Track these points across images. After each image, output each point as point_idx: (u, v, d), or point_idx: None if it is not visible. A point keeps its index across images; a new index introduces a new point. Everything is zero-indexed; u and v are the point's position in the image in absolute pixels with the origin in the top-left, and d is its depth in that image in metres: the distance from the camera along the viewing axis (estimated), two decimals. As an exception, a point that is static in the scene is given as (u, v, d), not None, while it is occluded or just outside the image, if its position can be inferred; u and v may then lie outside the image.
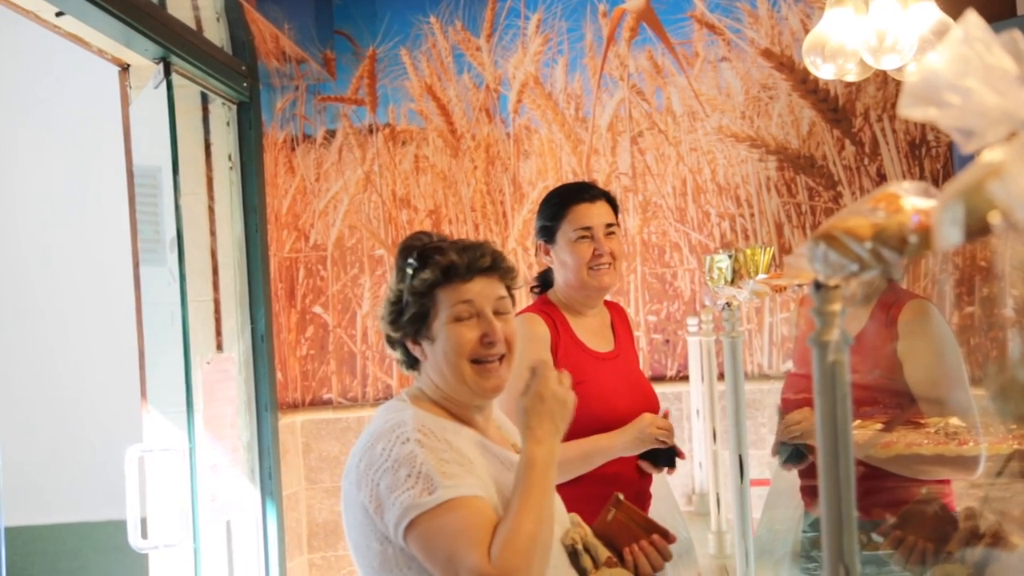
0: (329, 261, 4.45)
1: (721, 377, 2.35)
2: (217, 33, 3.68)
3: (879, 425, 2.21)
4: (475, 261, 1.80)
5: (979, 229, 0.67)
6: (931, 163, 4.34)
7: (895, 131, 4.34)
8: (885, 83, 4.27)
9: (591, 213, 2.58)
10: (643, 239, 4.41)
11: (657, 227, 4.41)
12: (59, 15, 2.77)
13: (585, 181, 3.14)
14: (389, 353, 1.92)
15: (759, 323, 4.38)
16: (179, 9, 3.38)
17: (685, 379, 4.18)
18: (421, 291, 1.79)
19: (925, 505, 1.91)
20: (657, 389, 2.77)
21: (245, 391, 3.81)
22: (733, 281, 1.98)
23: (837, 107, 4.35)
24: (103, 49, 3.15)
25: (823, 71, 2.94)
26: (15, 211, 4.71)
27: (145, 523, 3.15)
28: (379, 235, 4.45)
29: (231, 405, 3.68)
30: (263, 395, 3.86)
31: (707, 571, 2.68)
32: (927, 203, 0.75)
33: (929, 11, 2.77)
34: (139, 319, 3.28)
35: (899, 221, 0.75)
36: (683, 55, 4.41)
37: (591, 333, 2.63)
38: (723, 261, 2.02)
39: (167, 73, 3.19)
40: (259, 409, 3.86)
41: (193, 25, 3.51)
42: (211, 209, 3.70)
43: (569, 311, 2.62)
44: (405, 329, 1.82)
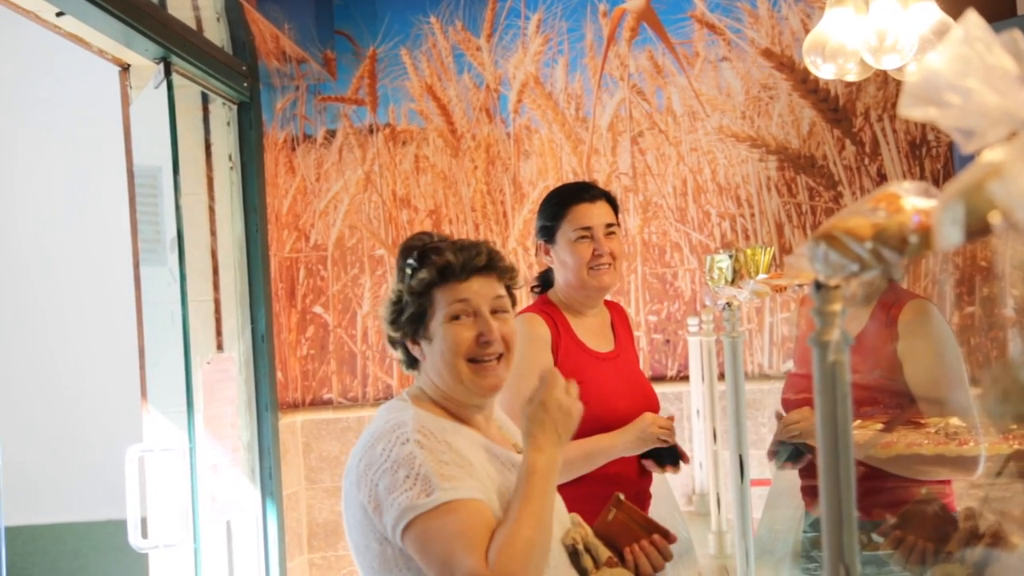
0: (329, 261, 4.45)
1: (721, 377, 2.34)
2: (217, 33, 3.68)
3: (879, 425, 2.21)
4: (471, 260, 1.79)
5: (979, 229, 0.67)
6: (931, 163, 4.34)
7: (895, 131, 4.33)
8: (885, 83, 4.27)
9: (591, 213, 2.58)
10: (643, 239, 4.40)
11: (657, 227, 4.41)
12: (59, 15, 2.78)
13: (585, 181, 3.13)
14: (390, 353, 1.92)
15: (759, 323, 4.38)
16: (179, 9, 3.38)
17: (685, 379, 4.18)
18: (419, 291, 1.79)
19: (925, 505, 1.91)
20: (657, 389, 2.78)
21: (245, 391, 3.81)
22: (733, 281, 1.98)
23: (837, 107, 4.35)
24: (103, 49, 3.15)
25: (823, 71, 2.94)
26: (15, 211, 4.71)
27: (145, 523, 3.15)
28: (379, 235, 4.45)
29: (231, 405, 3.67)
30: (263, 395, 3.86)
31: (707, 571, 2.68)
32: (927, 203, 0.75)
33: (929, 11, 2.77)
34: (139, 319, 3.28)
35: (899, 221, 0.75)
36: (683, 55, 4.41)
37: (591, 333, 2.63)
38: (723, 261, 2.01)
39: (167, 73, 3.19)
40: (259, 409, 3.86)
41: (193, 25, 3.51)
42: (211, 209, 3.70)
43: (569, 311, 2.62)
44: (404, 329, 1.82)
